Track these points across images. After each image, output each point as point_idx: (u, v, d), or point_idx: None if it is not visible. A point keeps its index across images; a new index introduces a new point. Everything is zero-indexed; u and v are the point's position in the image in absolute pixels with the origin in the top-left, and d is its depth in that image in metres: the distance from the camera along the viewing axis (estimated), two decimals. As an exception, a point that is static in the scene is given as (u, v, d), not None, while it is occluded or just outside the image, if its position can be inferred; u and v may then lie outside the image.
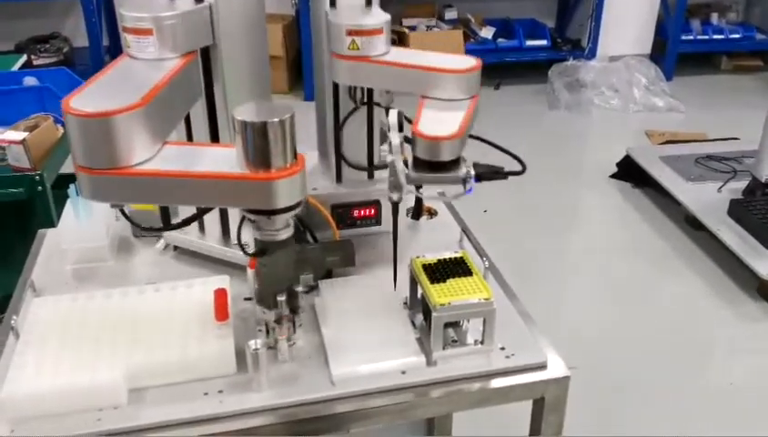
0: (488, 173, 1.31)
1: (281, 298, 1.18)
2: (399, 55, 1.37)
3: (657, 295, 3.10)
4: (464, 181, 1.23)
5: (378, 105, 1.46)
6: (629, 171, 3.99)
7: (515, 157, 1.41)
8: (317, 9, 1.45)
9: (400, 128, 1.21)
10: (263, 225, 1.13)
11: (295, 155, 1.05)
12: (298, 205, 1.08)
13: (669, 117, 4.95)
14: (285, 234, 1.15)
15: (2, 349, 1.23)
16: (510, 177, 1.38)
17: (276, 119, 1.01)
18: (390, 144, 1.19)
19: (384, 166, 1.34)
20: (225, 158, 1.05)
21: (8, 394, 1.08)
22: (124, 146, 1.01)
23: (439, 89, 1.31)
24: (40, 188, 2.13)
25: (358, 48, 1.33)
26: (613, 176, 4.07)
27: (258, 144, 1.01)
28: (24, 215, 2.20)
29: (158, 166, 1.05)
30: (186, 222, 1.26)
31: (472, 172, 1.24)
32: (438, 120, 1.23)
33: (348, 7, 1.38)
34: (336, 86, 1.45)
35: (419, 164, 1.21)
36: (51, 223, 1.50)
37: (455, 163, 1.22)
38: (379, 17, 1.35)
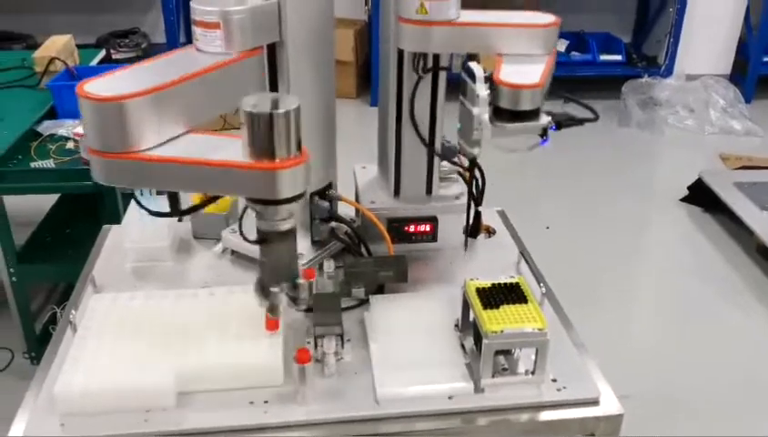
0: (566, 120, 1.38)
1: (275, 289, 1.17)
2: (471, 16, 1.37)
3: (722, 326, 2.98)
4: (544, 131, 1.30)
5: (447, 69, 1.44)
6: (700, 195, 3.85)
7: (588, 108, 1.51)
8: (385, 48, 1.44)
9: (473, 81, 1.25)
10: (266, 215, 1.13)
11: (299, 147, 1.05)
12: (300, 196, 1.08)
13: (746, 141, 4.76)
14: (287, 225, 1.14)
15: (61, 341, 1.27)
16: (574, 196, 1.38)
17: (281, 111, 1.01)
18: (477, 96, 1.24)
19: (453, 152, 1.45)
20: (236, 149, 1.06)
21: (62, 390, 1.11)
22: (133, 131, 1.05)
23: (517, 45, 1.35)
24: (109, 182, 2.19)
25: (426, 12, 1.32)
26: (684, 199, 3.93)
27: (263, 134, 1.02)
28: (96, 208, 2.26)
29: (166, 152, 1.08)
30: (194, 209, 1.29)
31: (551, 121, 1.30)
32: (519, 72, 1.29)
33: None
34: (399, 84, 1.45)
35: (501, 113, 1.27)
36: (118, 218, 1.53)
37: (535, 113, 1.28)
38: None
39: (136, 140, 1.07)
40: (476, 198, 1.55)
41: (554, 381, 1.21)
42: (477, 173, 1.53)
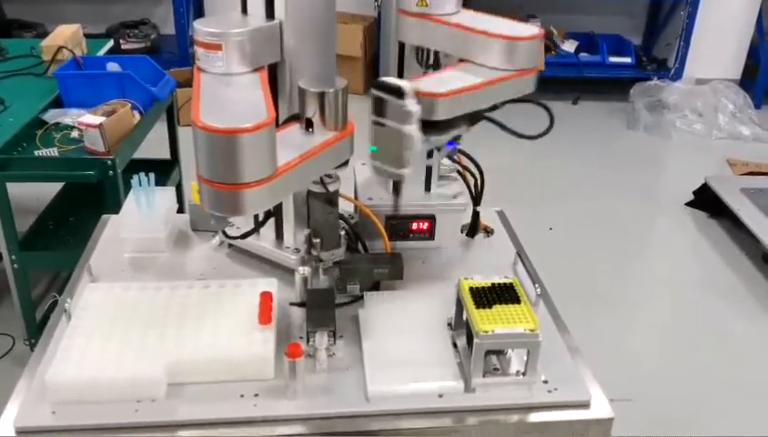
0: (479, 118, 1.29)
1: (317, 240, 1.28)
2: (464, 16, 1.32)
3: (726, 332, 2.97)
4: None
5: None
6: (706, 200, 3.84)
7: (546, 109, 1.37)
8: (387, 47, 1.44)
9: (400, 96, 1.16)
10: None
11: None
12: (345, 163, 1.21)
13: (754, 147, 4.73)
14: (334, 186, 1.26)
15: (55, 329, 1.28)
16: (578, 198, 1.35)
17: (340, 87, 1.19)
18: (409, 112, 1.14)
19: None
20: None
21: (53, 378, 1.11)
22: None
23: (482, 56, 1.27)
24: (111, 172, 2.20)
25: (426, 5, 1.30)
26: (689, 203, 3.92)
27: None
28: (99, 197, 2.28)
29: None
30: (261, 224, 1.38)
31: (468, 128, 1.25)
32: (440, 81, 1.21)
33: None
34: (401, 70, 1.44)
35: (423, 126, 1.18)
36: (119, 208, 1.55)
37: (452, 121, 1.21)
38: None
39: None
40: (475, 197, 1.55)
41: (545, 382, 1.20)
42: (477, 172, 1.53)
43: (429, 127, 1.19)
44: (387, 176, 1.24)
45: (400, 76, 1.45)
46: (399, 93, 1.14)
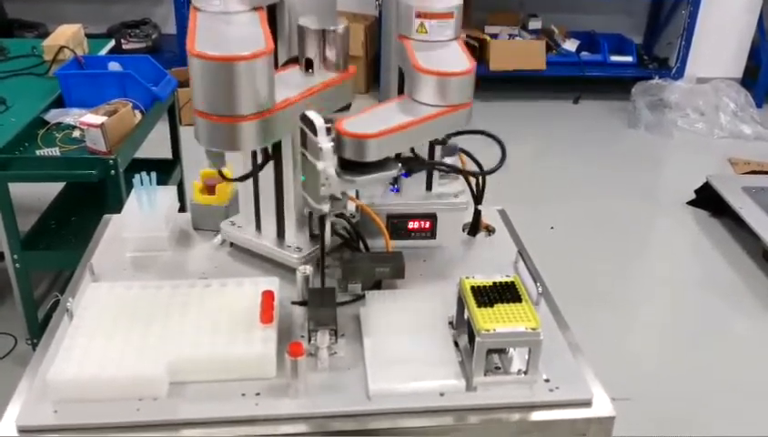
0: (420, 164, 1.32)
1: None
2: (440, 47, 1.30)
3: (726, 331, 2.96)
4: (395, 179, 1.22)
5: None
6: (707, 199, 3.83)
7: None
8: (387, 46, 1.43)
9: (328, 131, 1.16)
10: None
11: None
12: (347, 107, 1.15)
13: (755, 146, 4.73)
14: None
15: (57, 328, 1.28)
16: (579, 197, 1.36)
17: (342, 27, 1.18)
18: (320, 149, 1.13)
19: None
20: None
21: (55, 376, 1.11)
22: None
23: (416, 91, 1.26)
24: (113, 172, 2.20)
25: (426, 32, 1.30)
26: (691, 202, 3.91)
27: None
28: (101, 197, 2.28)
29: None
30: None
31: (401, 169, 1.23)
32: (369, 118, 1.20)
33: None
34: (401, 82, 1.42)
35: (347, 164, 1.18)
36: (120, 207, 1.55)
37: (384, 162, 1.19)
38: (451, 0, 1.31)
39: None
40: (476, 196, 1.55)
41: (547, 381, 1.20)
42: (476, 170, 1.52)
43: (358, 167, 1.18)
44: (310, 209, 1.23)
45: (401, 78, 1.43)
46: (312, 128, 1.14)
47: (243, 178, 1.42)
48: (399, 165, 1.22)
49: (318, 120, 1.14)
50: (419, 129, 1.24)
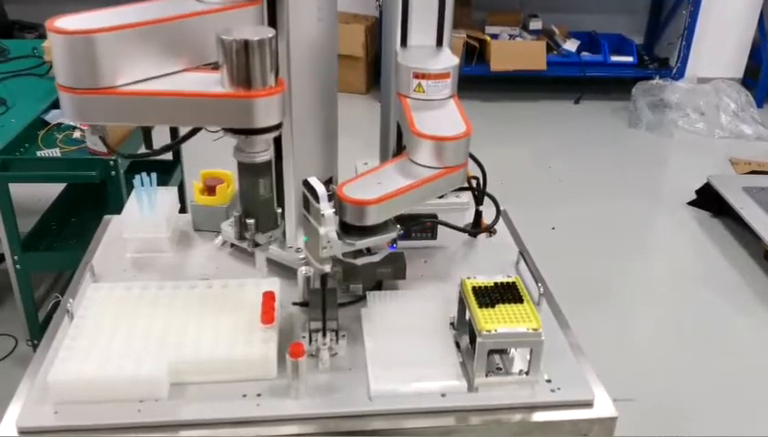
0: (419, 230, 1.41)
1: (250, 220, 1.20)
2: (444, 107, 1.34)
3: (727, 331, 2.96)
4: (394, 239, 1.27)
5: None
6: (708, 199, 3.83)
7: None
8: (387, 48, 1.44)
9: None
10: (243, 146, 1.15)
11: (276, 78, 1.07)
12: (277, 126, 1.11)
13: (756, 146, 4.73)
14: (263, 157, 1.17)
15: (58, 329, 1.28)
16: (580, 197, 1.36)
17: (256, 39, 1.02)
18: (322, 216, 1.17)
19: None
20: (215, 81, 1.08)
21: (55, 378, 1.11)
22: (104, 66, 1.06)
23: (413, 152, 1.29)
24: (113, 172, 2.20)
25: (423, 91, 1.32)
26: (691, 203, 3.91)
27: (240, 62, 1.03)
28: (101, 198, 2.28)
29: (142, 87, 1.08)
30: (168, 148, 1.30)
31: (400, 230, 1.26)
32: (371, 184, 1.23)
33: (417, 47, 1.39)
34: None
35: (348, 228, 1.21)
36: (121, 208, 1.55)
37: (384, 225, 1.23)
38: (447, 61, 1.34)
39: (108, 76, 1.07)
40: (477, 197, 1.55)
41: (549, 381, 1.20)
42: (479, 172, 1.52)
43: (359, 230, 1.21)
44: (314, 267, 1.26)
45: (399, 142, 1.46)
46: (315, 196, 1.18)
47: (164, 150, 1.36)
48: (398, 227, 1.25)
49: (320, 188, 1.18)
50: (417, 192, 1.26)
